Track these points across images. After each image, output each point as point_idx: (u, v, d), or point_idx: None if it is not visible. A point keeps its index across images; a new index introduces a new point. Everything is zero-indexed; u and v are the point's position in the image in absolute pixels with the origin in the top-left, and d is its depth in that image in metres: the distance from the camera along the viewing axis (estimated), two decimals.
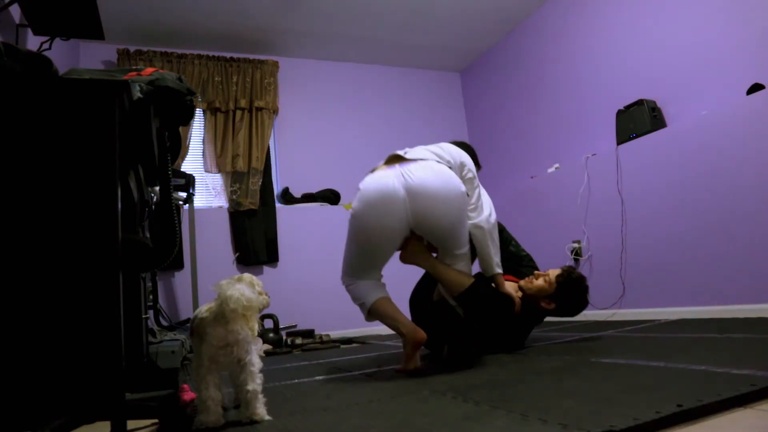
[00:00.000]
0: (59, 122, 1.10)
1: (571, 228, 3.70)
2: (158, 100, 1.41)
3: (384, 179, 1.82)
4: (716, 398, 1.07)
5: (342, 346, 3.42)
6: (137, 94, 1.31)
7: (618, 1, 3.64)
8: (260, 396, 1.24)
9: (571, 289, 2.14)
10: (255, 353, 1.25)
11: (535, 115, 4.44)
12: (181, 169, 3.82)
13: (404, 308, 2.02)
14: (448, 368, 1.90)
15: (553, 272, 2.16)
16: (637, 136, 3.24)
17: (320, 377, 1.99)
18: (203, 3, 3.84)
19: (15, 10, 2.35)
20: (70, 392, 1.04)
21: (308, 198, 4.49)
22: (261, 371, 1.25)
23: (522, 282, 2.21)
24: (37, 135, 1.08)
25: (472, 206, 1.99)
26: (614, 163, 3.38)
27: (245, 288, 1.22)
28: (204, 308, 1.29)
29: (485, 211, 2.04)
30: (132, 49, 4.14)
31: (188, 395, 1.64)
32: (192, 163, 4.30)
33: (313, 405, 1.43)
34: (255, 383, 1.23)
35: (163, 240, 1.58)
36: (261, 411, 1.24)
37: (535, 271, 2.27)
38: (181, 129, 2.35)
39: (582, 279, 2.18)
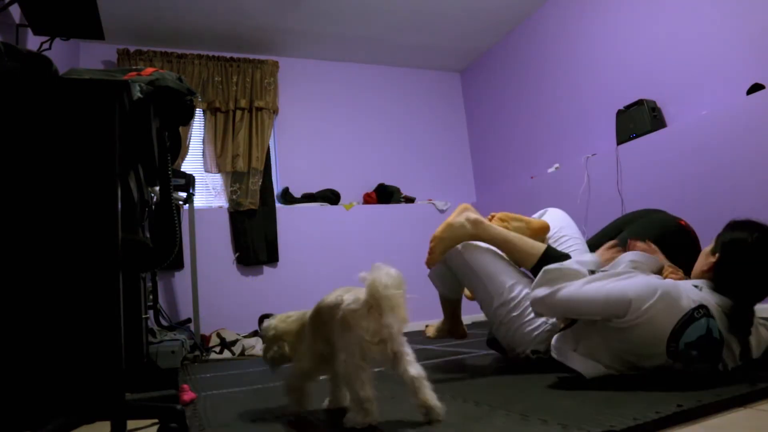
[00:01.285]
0: (59, 122, 1.10)
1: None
2: (158, 100, 1.41)
3: None
4: (716, 398, 1.07)
5: None
6: (137, 94, 1.30)
7: (618, 1, 3.64)
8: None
9: None
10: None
11: (535, 115, 4.44)
12: (181, 169, 3.82)
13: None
14: (448, 369, 1.90)
15: None
16: (637, 136, 3.24)
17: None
18: (203, 3, 3.84)
19: (15, 10, 2.35)
20: (70, 392, 1.04)
21: (308, 198, 4.49)
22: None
23: None
24: (37, 135, 1.08)
25: None
26: (614, 163, 3.38)
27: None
28: (351, 297, 1.16)
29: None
30: (132, 49, 4.14)
31: (188, 395, 1.64)
32: (192, 163, 4.30)
33: (313, 405, 1.43)
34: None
35: (163, 240, 1.58)
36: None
37: None
38: (181, 129, 2.35)
39: None
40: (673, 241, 1.77)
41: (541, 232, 1.96)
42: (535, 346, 1.68)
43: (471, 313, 4.75)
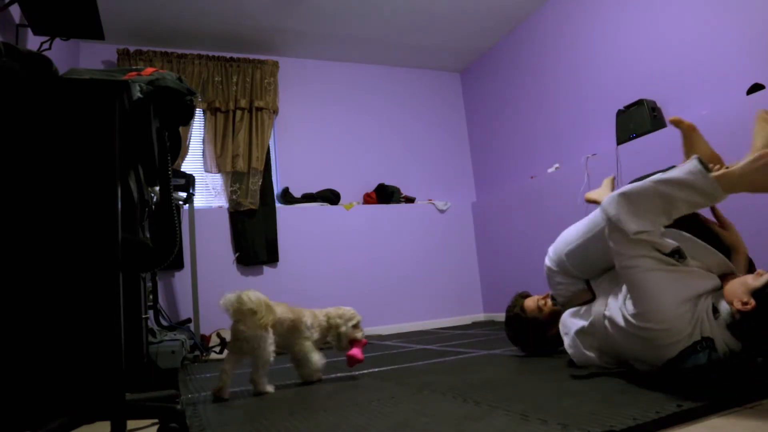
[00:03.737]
0: (59, 122, 1.10)
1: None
2: (158, 100, 1.41)
3: None
4: (716, 398, 1.07)
5: None
6: (137, 94, 1.30)
7: (618, 2, 3.64)
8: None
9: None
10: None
11: (535, 115, 4.44)
12: (181, 169, 3.82)
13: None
14: (448, 369, 1.90)
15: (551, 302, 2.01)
16: (637, 136, 3.24)
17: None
18: (203, 3, 3.84)
19: (15, 10, 2.35)
20: (70, 392, 1.04)
21: (308, 198, 4.49)
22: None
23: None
24: (37, 135, 1.08)
25: None
26: (614, 163, 3.38)
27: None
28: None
29: None
30: (132, 49, 4.14)
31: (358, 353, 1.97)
32: (192, 163, 4.30)
33: (313, 405, 1.43)
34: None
35: (163, 240, 1.58)
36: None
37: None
38: (181, 129, 2.35)
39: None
40: None
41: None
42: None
43: (471, 313, 4.75)
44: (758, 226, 2.60)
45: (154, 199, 2.10)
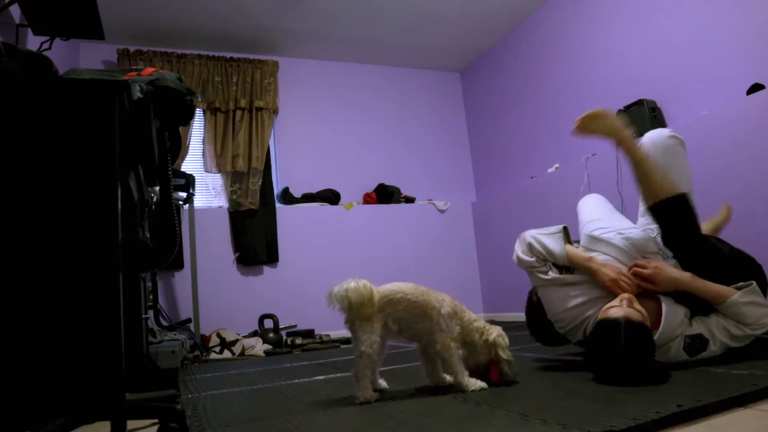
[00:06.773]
0: (59, 122, 1.10)
1: (571, 228, 3.70)
2: (158, 100, 1.41)
3: None
4: (716, 398, 1.07)
5: (342, 346, 3.42)
6: (137, 94, 1.30)
7: (618, 2, 3.64)
8: None
9: None
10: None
11: (535, 115, 4.44)
12: (181, 169, 3.82)
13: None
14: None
15: None
16: (638, 136, 3.23)
17: (320, 377, 1.99)
18: (203, 3, 3.84)
19: (15, 10, 2.35)
20: (70, 392, 1.04)
21: (308, 198, 4.49)
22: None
23: None
24: (37, 135, 1.08)
25: None
26: (614, 163, 3.37)
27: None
28: None
29: None
30: (132, 49, 4.14)
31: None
32: (192, 163, 4.30)
33: (313, 405, 1.43)
34: None
35: (163, 240, 1.58)
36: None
37: None
38: (181, 129, 2.35)
39: None
40: None
41: None
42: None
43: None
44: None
45: (154, 199, 2.10)
